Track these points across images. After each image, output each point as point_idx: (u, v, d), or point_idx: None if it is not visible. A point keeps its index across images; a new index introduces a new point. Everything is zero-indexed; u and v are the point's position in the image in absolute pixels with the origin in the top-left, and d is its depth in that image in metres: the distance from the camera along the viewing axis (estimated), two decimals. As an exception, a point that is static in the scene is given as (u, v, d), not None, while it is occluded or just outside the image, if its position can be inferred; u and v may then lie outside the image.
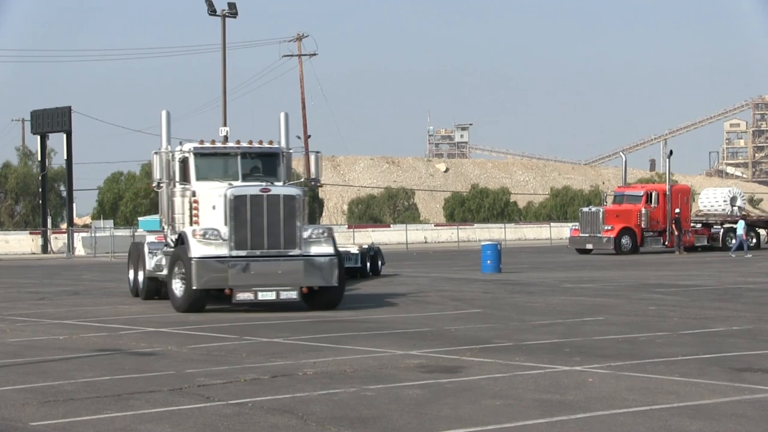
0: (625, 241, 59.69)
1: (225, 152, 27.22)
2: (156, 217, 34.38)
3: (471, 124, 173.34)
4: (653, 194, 60.49)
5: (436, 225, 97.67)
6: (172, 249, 26.94)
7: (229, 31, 69.02)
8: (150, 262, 28.98)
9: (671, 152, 66.67)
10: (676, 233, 59.38)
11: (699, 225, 64.57)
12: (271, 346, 20.09)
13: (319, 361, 17.80)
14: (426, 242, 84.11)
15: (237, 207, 24.75)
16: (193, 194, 26.13)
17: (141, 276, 30.26)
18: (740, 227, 57.79)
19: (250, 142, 27.50)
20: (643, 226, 60.27)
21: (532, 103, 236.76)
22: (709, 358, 17.44)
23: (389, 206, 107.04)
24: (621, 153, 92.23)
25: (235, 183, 26.17)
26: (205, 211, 25.74)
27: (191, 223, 25.82)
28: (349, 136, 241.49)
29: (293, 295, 25.00)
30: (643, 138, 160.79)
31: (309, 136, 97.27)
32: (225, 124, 68.76)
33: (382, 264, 44.61)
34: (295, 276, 24.91)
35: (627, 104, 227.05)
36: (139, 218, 38.01)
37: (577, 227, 63.03)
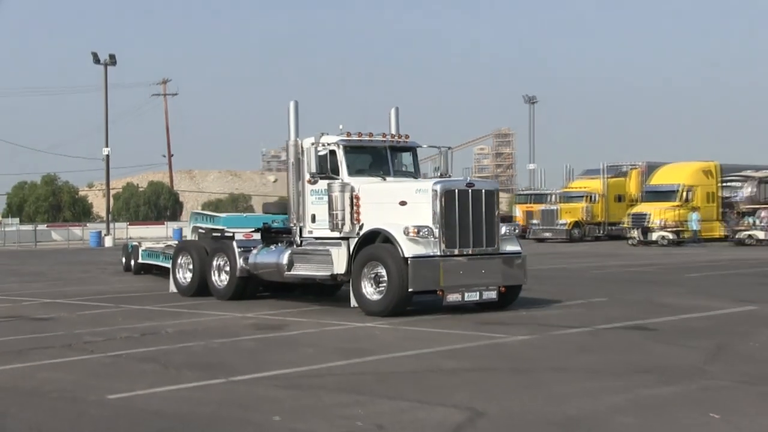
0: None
1: (372, 145, 19.69)
2: (235, 213, 29.35)
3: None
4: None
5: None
6: (317, 247, 19.20)
7: (109, 75, 67.72)
8: (242, 261, 20.92)
9: (438, 168, 67.38)
10: None
11: None
12: (142, 312, 19.92)
13: (178, 323, 17.77)
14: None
15: (448, 203, 17.73)
16: (352, 190, 18.57)
17: (216, 275, 21.80)
18: None
19: (393, 136, 20.26)
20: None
21: (334, 128, 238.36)
22: (462, 316, 17.91)
23: (232, 208, 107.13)
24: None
25: (442, 179, 19.07)
26: (368, 208, 18.53)
27: (353, 221, 18.47)
28: (203, 154, 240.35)
29: (493, 295, 18.11)
30: (420, 156, 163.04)
31: (172, 155, 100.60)
32: (107, 145, 67.52)
33: None
34: (495, 275, 18.18)
35: (407, 131, 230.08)
36: (217, 214, 25.61)
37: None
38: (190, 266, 22.71)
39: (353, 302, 18.30)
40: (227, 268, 21.49)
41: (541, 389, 10.84)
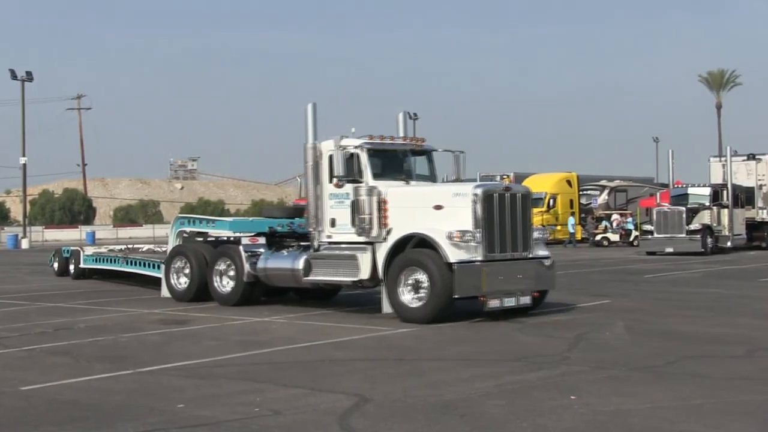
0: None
1: (394, 148, 17.79)
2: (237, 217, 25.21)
3: (199, 157, 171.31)
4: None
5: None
6: (337, 252, 17.22)
7: (27, 90, 66.00)
8: (249, 265, 18.68)
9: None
10: None
11: None
12: (56, 309, 19.50)
13: (90, 318, 17.48)
14: (168, 236, 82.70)
15: (488, 207, 15.96)
16: (379, 193, 16.61)
17: (219, 280, 19.38)
18: None
19: (411, 139, 18.60)
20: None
21: (237, 140, 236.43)
22: (350, 310, 17.99)
23: (142, 213, 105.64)
24: (297, 177, 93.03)
25: (481, 183, 17.73)
26: (397, 212, 16.57)
27: (380, 225, 16.48)
28: (115, 163, 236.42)
29: (528, 300, 16.41)
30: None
31: (86, 164, 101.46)
32: (24, 155, 65.76)
33: None
34: (529, 280, 16.46)
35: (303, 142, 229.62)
36: (217, 218, 22.68)
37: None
38: (186, 271, 20.19)
39: (386, 308, 16.47)
40: (231, 273, 19.16)
41: (421, 377, 10.97)
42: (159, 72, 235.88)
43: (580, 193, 55.09)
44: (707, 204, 39.94)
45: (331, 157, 17.17)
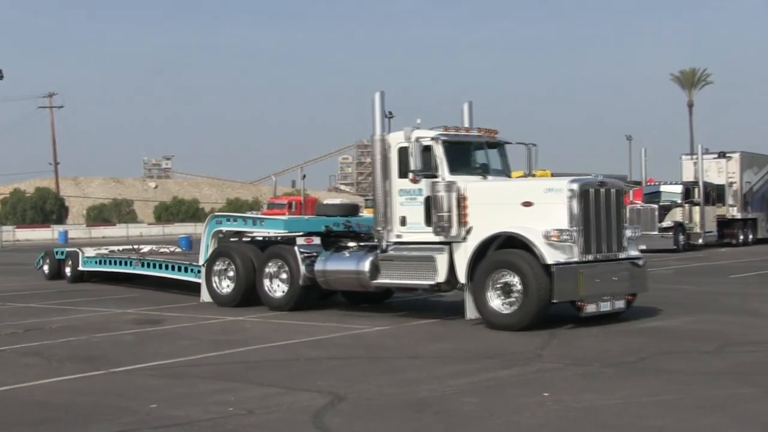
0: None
1: (469, 141, 16.20)
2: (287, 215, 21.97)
3: (173, 156, 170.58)
4: (293, 203, 61.18)
5: (149, 224, 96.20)
6: (409, 253, 15.68)
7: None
8: (304, 267, 17.12)
9: (304, 176, 68.14)
10: None
11: None
12: (27, 309, 19.33)
13: (62, 318, 17.35)
14: (141, 236, 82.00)
15: (585, 203, 14.49)
16: (458, 189, 15.08)
17: (269, 283, 17.78)
18: None
19: (486, 131, 16.60)
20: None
21: (211, 138, 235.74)
22: (326, 311, 17.95)
23: (116, 212, 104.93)
24: (272, 176, 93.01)
25: (577, 177, 15.26)
26: (478, 209, 15.02)
27: (460, 224, 14.97)
28: (88, 161, 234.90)
29: (622, 304, 15.04)
30: (288, 165, 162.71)
31: (58, 163, 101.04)
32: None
33: None
34: (624, 283, 15.06)
35: (278, 142, 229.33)
36: (267, 217, 20.80)
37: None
38: (230, 273, 18.56)
39: (469, 314, 15.20)
40: (283, 276, 17.58)
41: (396, 375, 10.97)
42: (133, 70, 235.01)
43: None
44: (679, 201, 40.24)
45: (401, 151, 15.78)
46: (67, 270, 26.04)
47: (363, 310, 17.42)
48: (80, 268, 25.54)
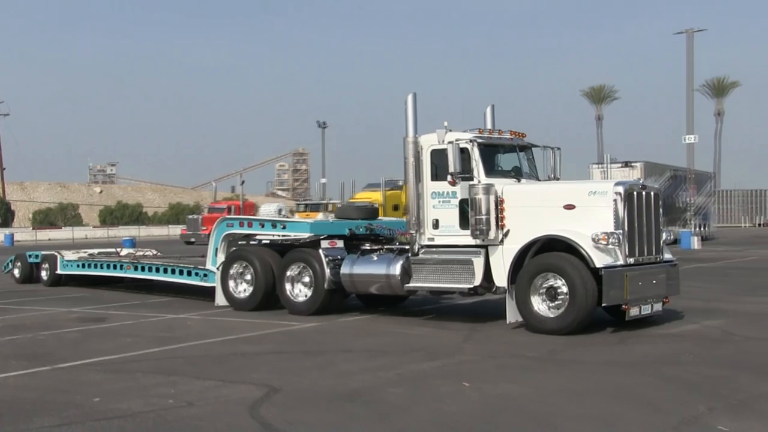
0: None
1: (502, 143, 15.10)
2: (317, 217, 21.14)
3: (117, 162, 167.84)
4: (232, 207, 60.76)
5: (94, 227, 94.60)
6: (441, 256, 14.65)
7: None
8: (330, 271, 15.96)
9: (243, 181, 67.89)
10: None
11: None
12: (-26, 309, 18.84)
13: (7, 318, 16.90)
14: (86, 238, 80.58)
15: (629, 206, 13.49)
16: (496, 192, 14.05)
17: (290, 287, 16.57)
18: None
19: (517, 134, 15.50)
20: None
21: (156, 146, 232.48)
22: (264, 312, 17.81)
23: (61, 215, 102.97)
24: (212, 182, 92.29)
25: (621, 180, 14.84)
26: (516, 212, 14.00)
27: (498, 226, 13.94)
28: (35, 167, 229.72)
29: (660, 307, 14.07)
30: (228, 172, 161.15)
31: (4, 168, 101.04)
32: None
33: None
34: (661, 286, 14.00)
35: (218, 149, 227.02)
36: (288, 220, 19.18)
37: (185, 228, 62.38)
38: (248, 277, 17.25)
39: (510, 318, 14.01)
40: (306, 279, 16.40)
41: (328, 368, 10.92)
42: (78, 78, 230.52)
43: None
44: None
45: (434, 153, 14.79)
46: (44, 273, 24.32)
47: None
48: (59, 271, 23.72)
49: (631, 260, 13.52)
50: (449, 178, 14.41)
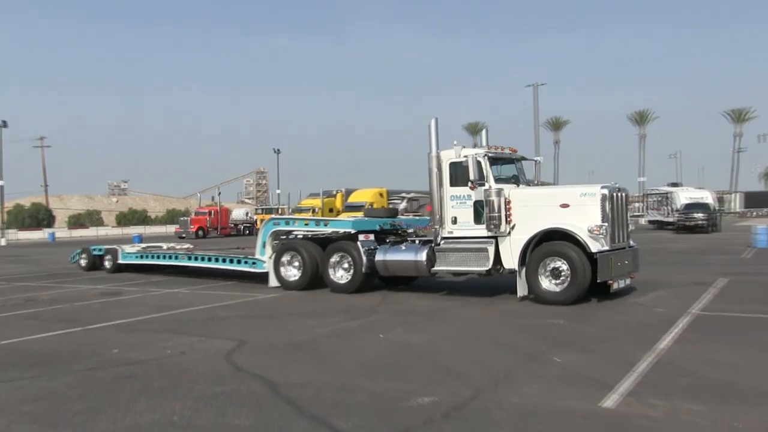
0: (200, 233, 58.52)
1: (504, 157, 14.47)
2: (351, 216, 19.72)
3: (129, 179, 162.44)
4: (212, 211, 59.84)
5: (112, 227, 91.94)
6: (462, 246, 13.65)
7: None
8: (366, 258, 14.91)
9: (220, 192, 66.92)
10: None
11: (233, 225, 64.03)
12: (25, 287, 18.21)
13: (50, 293, 16.44)
14: (107, 235, 78.04)
15: (611, 204, 12.96)
16: (505, 195, 13.40)
17: (333, 272, 15.38)
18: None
19: (512, 150, 14.77)
20: (208, 226, 59.34)
21: (157, 167, 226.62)
22: (234, 284, 17.66)
23: (88, 219, 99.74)
24: (198, 193, 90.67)
25: (604, 184, 13.23)
26: (520, 211, 13.32)
27: (506, 222, 13.28)
28: (69, 183, 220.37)
29: (629, 281, 13.50)
30: (209, 185, 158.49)
31: (48, 185, 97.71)
32: (1, 179, 60.88)
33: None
34: (631, 266, 13.52)
35: (201, 168, 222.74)
36: (331, 218, 17.01)
37: (178, 227, 61.34)
38: (296, 263, 16.07)
39: (521, 292, 13.07)
40: (345, 265, 15.37)
41: (280, 326, 10.92)
42: (98, 119, 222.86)
43: (389, 201, 55.93)
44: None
45: (452, 165, 13.95)
46: (107, 263, 21.91)
47: (255, 284, 17.15)
48: (120, 261, 21.59)
49: (613, 246, 13.00)
50: (470, 184, 13.65)
